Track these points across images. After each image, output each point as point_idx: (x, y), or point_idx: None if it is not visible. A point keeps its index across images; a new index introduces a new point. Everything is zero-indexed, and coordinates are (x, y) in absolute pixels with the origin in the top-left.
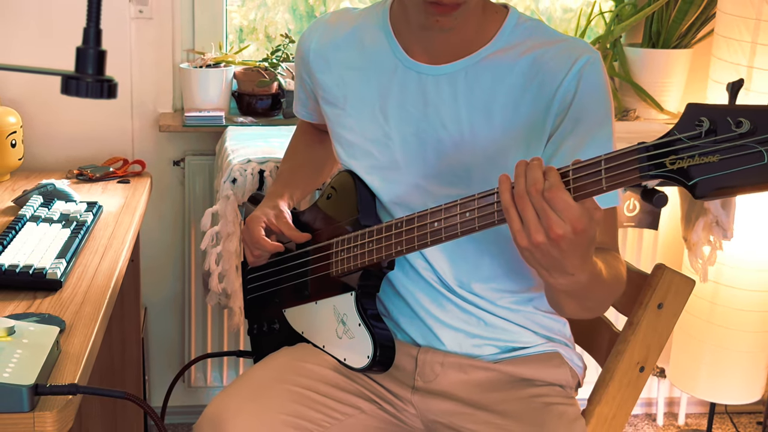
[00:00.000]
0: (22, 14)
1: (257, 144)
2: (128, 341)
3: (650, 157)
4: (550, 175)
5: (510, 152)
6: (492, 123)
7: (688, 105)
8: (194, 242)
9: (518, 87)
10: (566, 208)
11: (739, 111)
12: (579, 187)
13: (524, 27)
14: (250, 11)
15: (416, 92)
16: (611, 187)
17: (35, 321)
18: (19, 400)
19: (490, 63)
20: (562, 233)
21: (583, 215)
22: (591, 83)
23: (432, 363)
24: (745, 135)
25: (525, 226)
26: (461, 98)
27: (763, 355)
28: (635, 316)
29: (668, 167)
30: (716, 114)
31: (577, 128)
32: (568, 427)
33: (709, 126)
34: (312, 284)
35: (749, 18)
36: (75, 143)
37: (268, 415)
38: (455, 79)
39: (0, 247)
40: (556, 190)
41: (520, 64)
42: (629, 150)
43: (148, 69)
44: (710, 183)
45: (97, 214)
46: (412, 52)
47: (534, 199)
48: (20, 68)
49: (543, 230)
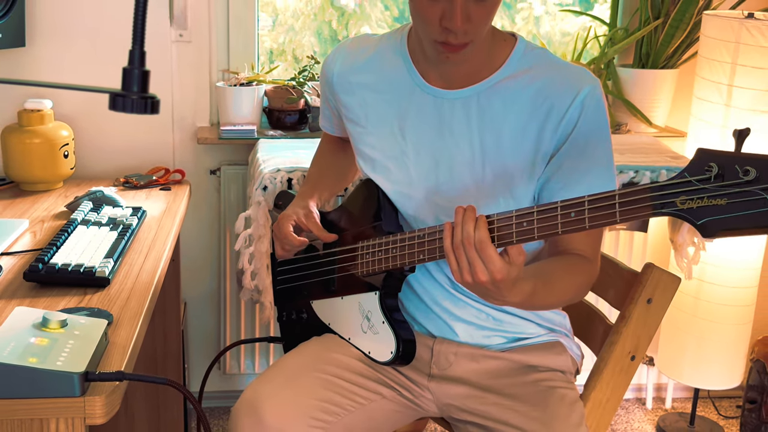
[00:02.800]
0: (74, 39)
1: (286, 155)
2: (169, 333)
3: (663, 196)
4: (480, 229)
5: (516, 171)
6: (501, 144)
7: (699, 150)
8: (229, 243)
9: (526, 112)
10: (490, 261)
11: (746, 159)
12: (501, 236)
13: (531, 55)
14: (280, 35)
15: (432, 114)
16: (624, 220)
17: (86, 314)
18: (71, 385)
19: (500, 88)
20: (485, 279)
21: (504, 267)
22: (592, 110)
23: (446, 353)
24: (751, 182)
25: (460, 268)
26: (474, 121)
27: (742, 345)
28: (627, 310)
29: (679, 206)
30: (724, 160)
31: (578, 150)
32: (569, 408)
33: (717, 171)
34: (338, 281)
35: (730, 41)
36: (121, 154)
37: (299, 400)
38: (468, 103)
39: (54, 248)
40: (483, 245)
41: (528, 91)
42: (644, 188)
43: (188, 87)
44: (718, 224)
45: (142, 218)
46: (429, 77)
47: (466, 250)
48: (72, 86)
49: (471, 274)
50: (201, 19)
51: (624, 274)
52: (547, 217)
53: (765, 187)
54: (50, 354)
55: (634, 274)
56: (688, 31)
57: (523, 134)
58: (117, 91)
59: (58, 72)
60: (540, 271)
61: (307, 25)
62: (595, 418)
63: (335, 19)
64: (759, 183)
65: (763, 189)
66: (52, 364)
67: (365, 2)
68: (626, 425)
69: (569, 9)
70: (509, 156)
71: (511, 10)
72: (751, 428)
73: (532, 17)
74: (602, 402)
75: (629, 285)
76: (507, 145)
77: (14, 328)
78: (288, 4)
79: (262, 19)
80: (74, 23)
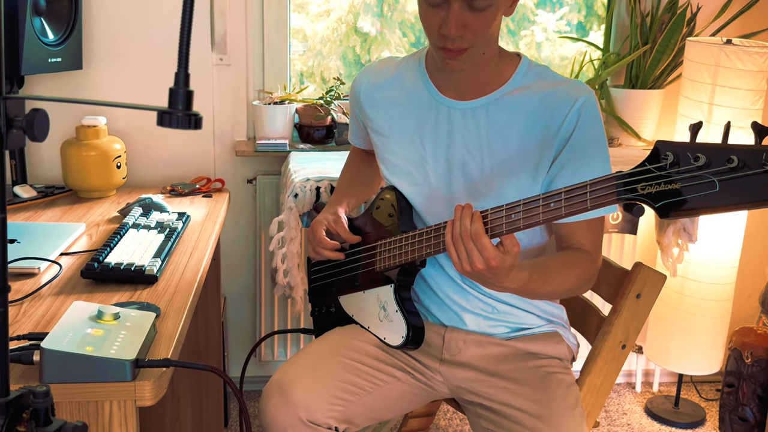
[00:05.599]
0: (126, 62)
1: (314, 166)
2: (211, 324)
3: (625, 183)
4: (475, 222)
5: (521, 173)
6: (507, 149)
7: (658, 141)
8: (264, 245)
9: (530, 121)
10: (485, 249)
11: (697, 147)
12: (494, 227)
13: (534, 72)
14: (309, 59)
15: (446, 123)
16: (595, 206)
17: (136, 308)
18: (123, 371)
19: (507, 100)
20: (481, 267)
21: (498, 255)
22: (588, 118)
23: (456, 340)
24: (702, 167)
25: (460, 259)
26: (483, 129)
27: (721, 335)
28: (618, 304)
29: (639, 192)
30: (679, 149)
31: (577, 153)
32: (566, 391)
33: (673, 159)
34: (361, 277)
35: (710, 65)
36: (168, 165)
37: (323, 381)
38: (478, 113)
39: (108, 248)
40: (478, 235)
41: (531, 102)
42: (609, 177)
43: (227, 105)
44: (672, 206)
45: (186, 222)
46: (443, 91)
47: (464, 241)
48: (124, 105)
49: (470, 264)
50: (239, 45)
51: (616, 272)
52: (531, 208)
53: (713, 170)
54: (105, 343)
55: (625, 272)
56: (673, 55)
57: (527, 140)
58: (164, 109)
59: (111, 92)
60: (538, 263)
61: (333, 50)
62: (590, 401)
63: (358, 45)
64: (708, 168)
65: (711, 173)
66: (106, 352)
67: (385, 30)
68: (618, 407)
69: (567, 36)
70: (515, 160)
71: (515, 37)
72: (729, 409)
73: (534, 43)
74: (596, 386)
75: (620, 282)
76: (513, 151)
77: (73, 320)
78: (316, 31)
79: (293, 44)
80: (126, 49)
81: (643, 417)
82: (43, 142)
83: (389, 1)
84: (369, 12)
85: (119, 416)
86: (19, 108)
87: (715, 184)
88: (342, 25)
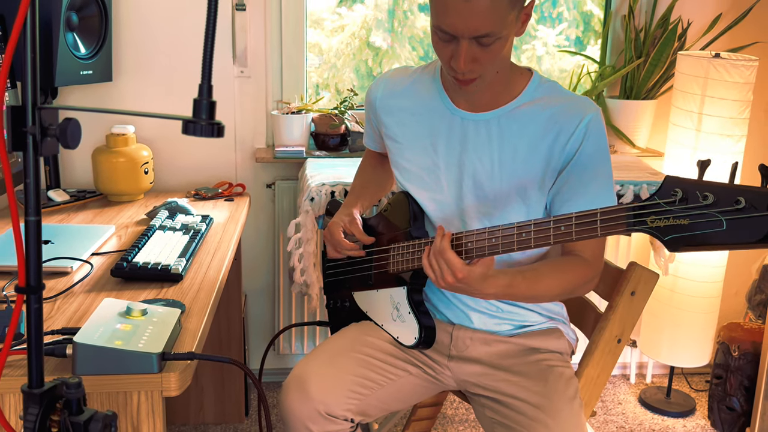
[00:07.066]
0: (153, 75)
1: (329, 171)
2: (232, 320)
3: (635, 215)
4: (444, 240)
5: (528, 183)
6: (516, 160)
7: (667, 177)
8: (282, 245)
9: (539, 134)
10: (450, 263)
11: (706, 186)
12: (467, 250)
13: (544, 87)
14: (324, 71)
15: (459, 133)
16: (605, 234)
17: (162, 305)
18: (150, 364)
19: (517, 113)
20: (451, 280)
21: (463, 267)
22: (594, 133)
23: (464, 337)
24: (710, 206)
25: (436, 276)
26: (494, 139)
27: (710, 330)
28: (614, 301)
29: (649, 225)
30: (688, 186)
31: (583, 167)
32: (566, 383)
33: (682, 195)
34: (375, 276)
35: (700, 77)
36: (192, 171)
37: (340, 376)
38: (490, 124)
39: (136, 249)
40: (443, 251)
41: (541, 116)
42: (621, 208)
43: (247, 115)
44: (681, 240)
45: (209, 224)
46: (457, 102)
47: (436, 259)
48: (151, 114)
49: (442, 279)
50: (259, 59)
51: (611, 271)
52: (542, 229)
53: (721, 210)
54: (133, 337)
55: (620, 271)
56: (665, 68)
57: (535, 152)
58: (188, 118)
59: (139, 102)
60: (527, 268)
61: (347, 63)
62: (588, 392)
63: (371, 58)
64: (716, 207)
65: (719, 212)
66: (135, 346)
67: (396, 44)
68: (613, 397)
69: (566, 50)
70: (523, 170)
71: (517, 51)
72: (718, 399)
73: (535, 56)
74: (593, 378)
75: (616, 280)
76: (521, 161)
77: (103, 316)
78: (331, 45)
79: (309, 58)
80: (153, 62)
81: (637, 407)
82: (76, 149)
83: (400, 17)
84: (381, 27)
85: (147, 406)
86: (53, 118)
87: (723, 223)
88: (355, 40)
